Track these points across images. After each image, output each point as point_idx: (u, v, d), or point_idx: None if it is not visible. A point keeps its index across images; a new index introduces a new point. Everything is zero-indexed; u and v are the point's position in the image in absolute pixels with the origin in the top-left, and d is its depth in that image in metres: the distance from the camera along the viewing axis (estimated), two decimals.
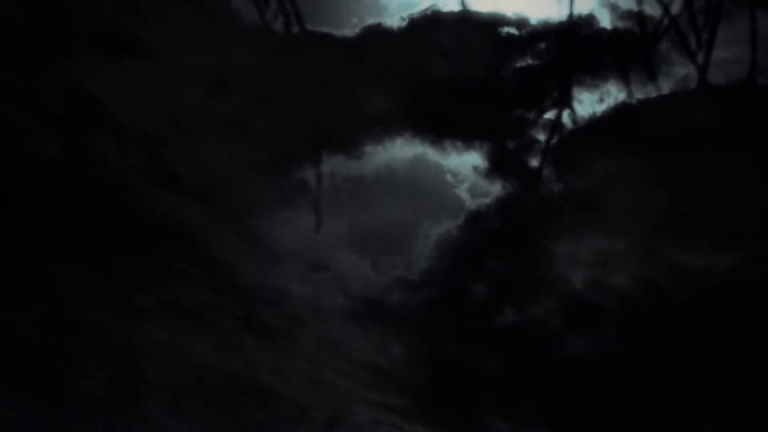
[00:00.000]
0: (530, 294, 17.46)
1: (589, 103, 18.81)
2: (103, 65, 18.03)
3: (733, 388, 16.30)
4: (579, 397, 16.62)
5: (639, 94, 18.38)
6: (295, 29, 18.24)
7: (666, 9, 18.06)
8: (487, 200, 18.50)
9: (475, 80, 18.64)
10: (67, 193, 17.53)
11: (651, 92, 18.49)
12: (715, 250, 16.91)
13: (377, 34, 18.73)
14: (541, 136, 18.53)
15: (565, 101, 18.66)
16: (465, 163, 18.88)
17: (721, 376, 16.36)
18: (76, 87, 17.81)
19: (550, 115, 18.67)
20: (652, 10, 18.44)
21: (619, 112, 18.50)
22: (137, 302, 17.36)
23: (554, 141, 18.48)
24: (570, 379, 16.76)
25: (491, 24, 18.87)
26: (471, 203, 18.64)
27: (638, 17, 18.33)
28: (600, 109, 18.63)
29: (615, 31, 18.61)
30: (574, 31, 18.70)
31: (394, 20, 18.82)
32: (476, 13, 18.65)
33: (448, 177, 19.00)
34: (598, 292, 17.25)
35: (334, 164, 18.69)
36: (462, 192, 18.82)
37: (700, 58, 18.02)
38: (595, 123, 18.45)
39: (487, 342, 17.15)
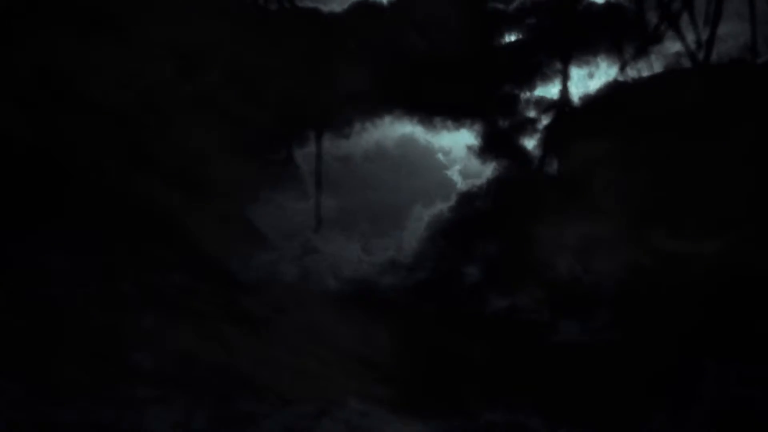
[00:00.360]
0: (521, 278, 16.97)
1: (579, 78, 18.45)
2: (73, 41, 17.41)
3: (727, 373, 15.97)
4: (571, 384, 16.19)
5: (631, 71, 18.02)
6: (284, 3, 17.71)
7: None
8: (479, 181, 17.98)
9: (463, 56, 18.18)
10: (38, 175, 16.94)
11: (643, 69, 18.16)
12: (703, 235, 16.53)
13: (366, 9, 18.17)
14: (533, 114, 18.11)
15: (557, 77, 18.29)
16: (457, 142, 18.41)
17: (715, 361, 16.03)
18: (45, 64, 17.16)
19: (541, 92, 18.34)
20: None
21: (610, 89, 18.10)
22: (115, 288, 16.82)
23: (546, 120, 18.05)
24: (562, 366, 16.32)
25: None
26: (463, 185, 18.13)
27: None
28: (590, 85, 18.34)
29: (607, 5, 18.24)
30: (565, 5, 18.31)
31: None
32: None
33: (440, 156, 18.47)
34: (588, 276, 16.81)
35: (321, 144, 18.16)
36: (454, 174, 18.29)
37: (699, 34, 17.69)
38: (587, 101, 18.03)
39: (478, 328, 16.67)
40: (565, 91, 18.02)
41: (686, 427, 15.71)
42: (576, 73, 18.37)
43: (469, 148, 18.16)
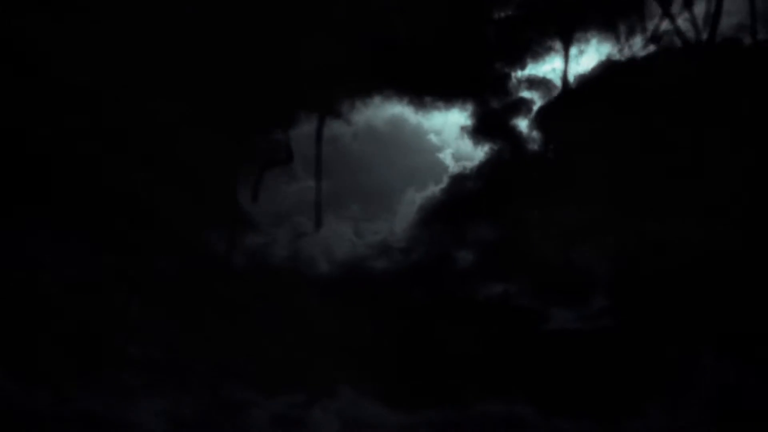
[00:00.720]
0: (514, 262, 16.75)
1: (570, 56, 18.16)
2: (36, 11, 16.97)
3: (723, 364, 15.81)
4: (565, 373, 16.01)
5: (623, 49, 17.75)
6: None
7: None
8: (471, 164, 17.74)
9: (453, 34, 17.84)
10: (17, 160, 16.64)
11: (635, 47, 17.90)
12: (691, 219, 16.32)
13: None
14: (526, 94, 17.86)
15: (547, 54, 18.01)
16: (448, 122, 18.12)
17: (712, 351, 15.87)
18: (13, 42, 16.73)
19: (532, 70, 18.07)
20: None
21: (605, 69, 17.82)
22: (101, 274, 16.58)
23: (539, 100, 17.81)
24: (555, 354, 16.13)
25: None
26: (455, 167, 17.87)
27: None
28: (582, 63, 18.03)
29: None
30: None
31: None
32: None
33: (431, 137, 18.20)
34: (582, 261, 16.60)
35: (310, 125, 17.87)
36: (446, 156, 18.02)
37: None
38: (582, 81, 17.75)
39: (471, 315, 16.45)
40: (565, 75, 17.74)
41: (682, 416, 15.56)
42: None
43: (462, 128, 17.89)
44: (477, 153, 17.74)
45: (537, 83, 18.00)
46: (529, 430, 15.78)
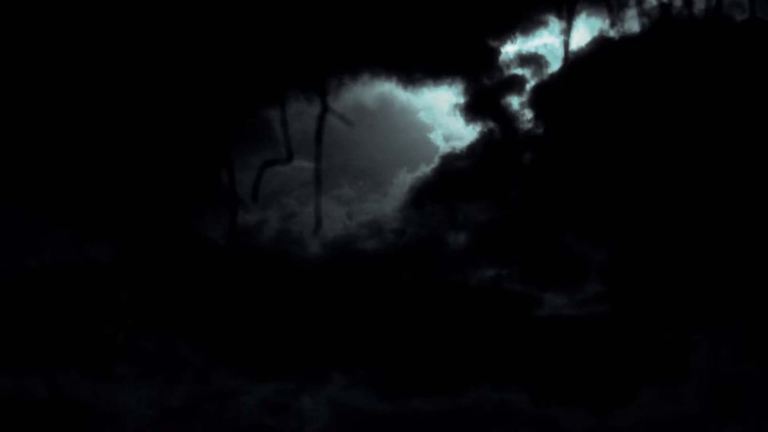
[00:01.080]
0: (506, 246, 16.47)
1: (560, 31, 17.83)
2: None
3: (718, 347, 15.64)
4: (559, 359, 15.80)
5: (615, 24, 17.44)
6: None
7: None
8: (462, 144, 17.40)
9: (442, 6, 17.49)
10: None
11: (628, 22, 17.59)
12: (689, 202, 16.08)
13: None
14: (517, 71, 17.52)
15: (537, 29, 17.69)
16: (439, 100, 17.77)
17: (707, 335, 15.68)
18: None
19: (522, 44, 17.74)
20: None
21: (597, 45, 17.48)
22: (88, 258, 16.35)
23: (530, 76, 17.47)
24: (549, 339, 15.92)
25: None
26: (446, 147, 17.54)
27: None
28: (573, 38, 17.66)
29: None
30: None
31: None
32: None
33: (422, 116, 17.88)
34: (577, 244, 16.34)
35: (298, 104, 17.51)
36: (437, 136, 17.71)
37: None
38: (575, 59, 17.41)
39: (463, 300, 16.21)
40: (566, 50, 17.34)
41: (676, 402, 15.44)
42: (556, 25, 17.80)
43: (453, 106, 17.55)
44: (468, 132, 17.46)
45: (529, 59, 17.66)
46: (522, 418, 15.67)
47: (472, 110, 17.51)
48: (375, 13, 17.20)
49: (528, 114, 17.29)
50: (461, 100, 17.45)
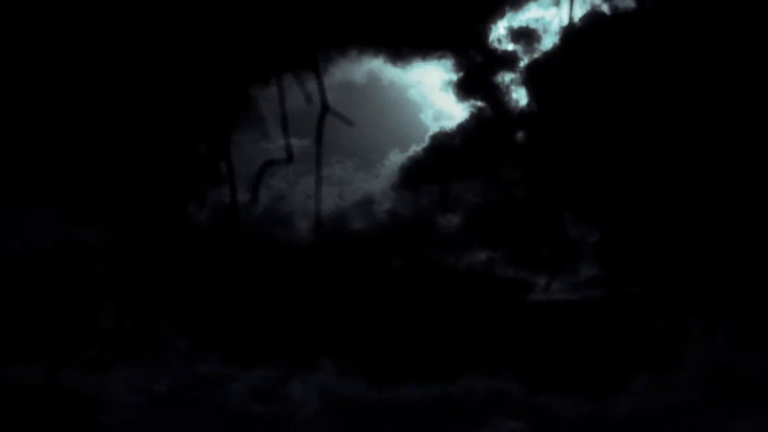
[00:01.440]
0: (499, 228, 16.16)
1: (549, 3, 17.45)
2: None
3: (713, 334, 15.41)
4: (552, 346, 15.55)
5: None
6: None
7: None
8: (453, 122, 17.00)
9: None
10: None
11: None
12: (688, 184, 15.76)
13: None
14: (510, 47, 17.12)
15: (527, 3, 17.28)
16: (429, 77, 17.37)
17: (702, 321, 15.44)
18: None
19: (510, 19, 17.35)
20: None
21: (591, 20, 17.11)
22: (74, 240, 16.08)
23: (520, 52, 17.07)
24: (542, 325, 15.65)
25: None
26: (436, 126, 17.16)
27: None
28: (563, 11, 17.32)
29: None
30: None
31: None
32: None
33: (412, 94, 17.50)
34: (572, 227, 16.03)
35: (287, 81, 17.12)
36: (428, 116, 17.34)
37: None
38: (568, 34, 17.01)
39: (456, 284, 15.92)
40: (571, 22, 16.93)
41: (671, 389, 15.25)
42: None
43: (444, 83, 17.15)
44: (460, 110, 17.07)
45: (520, 34, 17.25)
46: (514, 405, 15.48)
47: (462, 87, 17.16)
48: None
49: (520, 91, 16.95)
50: (452, 77, 17.11)
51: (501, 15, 17.12)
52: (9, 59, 16.05)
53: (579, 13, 17.20)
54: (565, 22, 16.91)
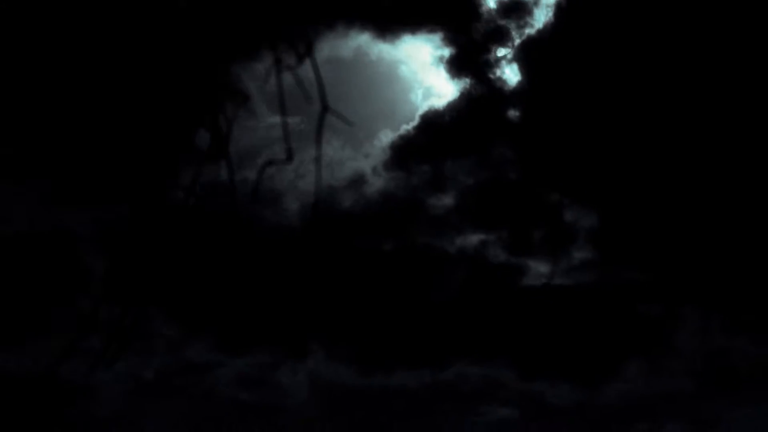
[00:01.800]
0: (491, 210, 15.84)
1: None
2: None
3: (707, 322, 15.26)
4: (544, 331, 15.33)
5: None
6: None
7: None
8: (444, 100, 16.57)
9: None
10: None
11: None
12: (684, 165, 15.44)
13: None
14: (501, 21, 16.66)
15: None
16: (418, 54, 16.90)
17: (695, 309, 15.27)
18: None
19: None
20: None
21: None
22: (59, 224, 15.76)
23: (510, 25, 16.61)
24: (534, 310, 15.42)
25: None
26: (426, 104, 16.73)
27: None
28: None
29: None
30: None
31: None
32: None
33: (402, 70, 17.03)
34: (565, 209, 15.74)
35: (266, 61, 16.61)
36: (417, 94, 16.88)
37: None
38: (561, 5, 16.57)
39: (447, 267, 15.65)
40: None
41: (664, 377, 15.12)
42: None
43: (434, 60, 16.67)
44: (450, 87, 16.63)
45: (512, 8, 16.78)
46: (507, 392, 15.32)
47: (453, 63, 16.69)
48: None
49: (512, 67, 16.53)
50: (443, 53, 16.62)
51: None
52: None
53: None
54: None
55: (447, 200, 16.14)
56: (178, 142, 16.62)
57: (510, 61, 16.47)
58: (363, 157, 16.63)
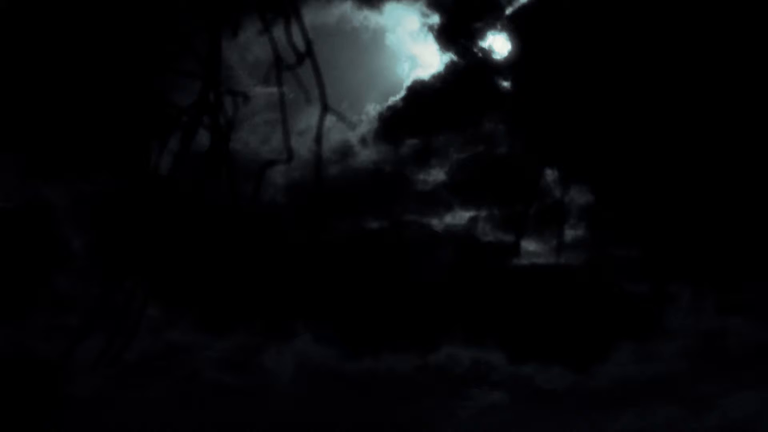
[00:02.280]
0: (480, 186, 15.49)
1: None
2: None
3: (700, 302, 14.98)
4: (535, 312, 15.04)
5: None
6: None
7: None
8: (432, 71, 16.10)
9: None
10: None
11: None
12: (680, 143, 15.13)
13: None
14: None
15: None
16: (404, 23, 16.45)
17: (688, 288, 15.00)
18: None
19: None
20: None
21: None
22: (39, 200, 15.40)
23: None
24: (525, 291, 15.11)
25: None
26: (414, 75, 16.28)
27: None
28: None
29: None
30: None
31: None
32: None
33: (388, 40, 16.56)
34: (556, 187, 15.39)
35: (255, 26, 16.23)
36: (404, 67, 16.42)
37: None
38: None
39: (435, 246, 15.32)
40: None
41: (656, 359, 14.89)
42: None
43: (421, 28, 16.22)
44: (439, 57, 16.20)
45: None
46: (497, 375, 15.08)
47: (442, 32, 16.28)
48: None
49: (504, 36, 16.11)
50: (430, 21, 16.19)
51: None
52: None
53: None
54: None
55: (437, 174, 15.82)
56: (156, 112, 16.24)
57: (501, 30, 16.11)
58: (349, 128, 16.21)
